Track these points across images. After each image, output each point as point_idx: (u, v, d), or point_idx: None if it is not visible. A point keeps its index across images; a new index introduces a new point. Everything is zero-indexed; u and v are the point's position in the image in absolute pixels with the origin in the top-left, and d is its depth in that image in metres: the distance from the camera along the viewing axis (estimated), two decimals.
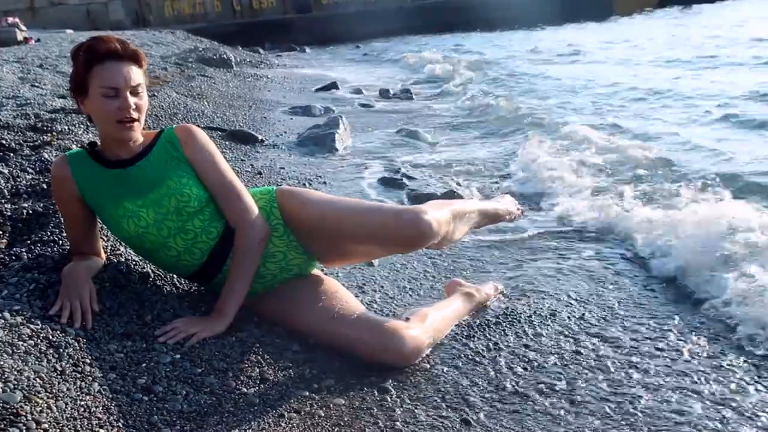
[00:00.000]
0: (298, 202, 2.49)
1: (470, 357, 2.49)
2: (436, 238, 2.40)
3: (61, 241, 2.58)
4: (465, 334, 2.65)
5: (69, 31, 19.76)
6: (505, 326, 2.71)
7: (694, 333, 2.63)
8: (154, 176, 2.34)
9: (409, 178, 5.11)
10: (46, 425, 1.63)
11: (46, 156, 3.50)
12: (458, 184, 5.00)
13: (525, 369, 2.40)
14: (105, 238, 2.67)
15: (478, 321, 2.76)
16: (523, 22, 24.22)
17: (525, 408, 2.17)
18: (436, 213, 2.41)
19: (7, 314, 2.02)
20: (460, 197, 4.50)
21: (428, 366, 2.42)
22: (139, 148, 2.39)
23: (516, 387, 2.29)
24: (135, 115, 2.27)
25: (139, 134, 2.36)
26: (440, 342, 2.56)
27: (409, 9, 28.28)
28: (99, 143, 2.43)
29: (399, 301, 2.97)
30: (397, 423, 2.07)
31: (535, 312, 2.83)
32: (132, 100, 2.26)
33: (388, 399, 2.20)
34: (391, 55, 18.32)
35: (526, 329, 2.69)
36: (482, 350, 2.53)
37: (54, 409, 1.70)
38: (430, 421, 2.10)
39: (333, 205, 2.50)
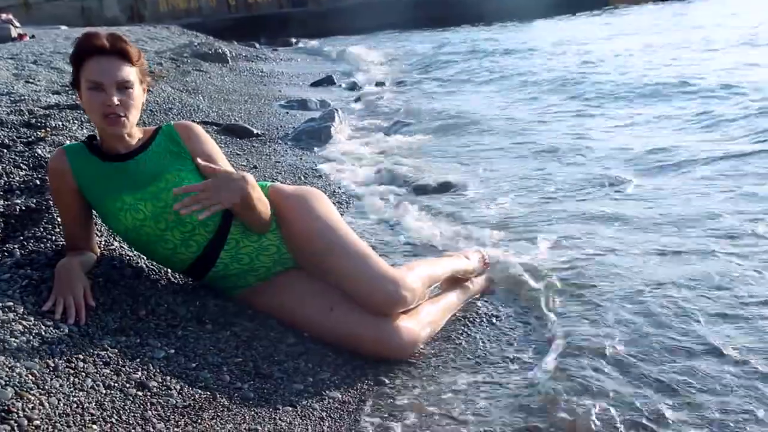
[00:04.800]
0: (291, 209, 2.46)
1: (465, 349, 2.48)
2: (406, 307, 2.42)
3: (54, 238, 2.57)
4: (460, 326, 2.65)
5: (63, 27, 19.69)
6: (499, 318, 2.71)
7: None
8: (153, 170, 2.35)
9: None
10: (38, 422, 1.62)
11: (39, 152, 3.48)
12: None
13: (517, 360, 2.40)
14: (98, 233, 2.66)
15: (472, 314, 2.75)
16: (518, 15, 24.14)
17: (518, 399, 2.16)
18: (413, 286, 2.43)
19: None
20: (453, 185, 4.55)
21: (424, 358, 2.41)
22: (137, 144, 2.40)
23: (509, 379, 2.28)
24: (119, 111, 2.26)
25: (130, 130, 2.35)
26: (435, 334, 2.56)
27: (406, 2, 28.17)
28: (97, 137, 2.43)
29: None
30: (393, 416, 2.06)
31: (523, 306, 2.82)
32: (117, 96, 2.24)
33: (384, 392, 2.19)
34: None
35: (517, 322, 2.68)
36: (476, 342, 2.52)
37: (46, 405, 1.68)
38: (426, 412, 2.09)
39: (322, 232, 2.43)
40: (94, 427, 1.70)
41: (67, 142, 3.67)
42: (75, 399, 1.76)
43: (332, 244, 2.41)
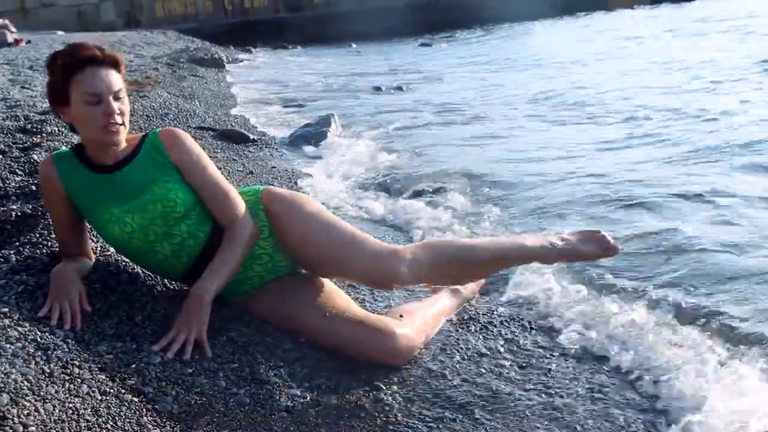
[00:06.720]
0: (286, 212, 2.46)
1: (461, 354, 2.48)
2: (407, 284, 2.48)
3: (49, 243, 2.57)
4: (455, 330, 2.65)
5: (60, 32, 19.67)
6: (494, 324, 2.71)
7: None
8: (140, 182, 2.32)
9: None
10: (34, 428, 1.61)
11: (35, 157, 3.49)
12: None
13: (513, 366, 2.40)
14: (94, 239, 2.65)
15: (466, 317, 2.75)
16: (517, 19, 24.16)
17: (515, 405, 2.17)
18: (412, 261, 2.42)
19: None
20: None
21: (419, 364, 2.41)
22: (123, 153, 2.36)
23: (506, 384, 2.29)
24: (120, 120, 2.25)
25: (123, 138, 2.33)
26: (430, 339, 2.56)
27: (403, 7, 28.16)
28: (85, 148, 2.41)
29: (390, 300, 2.96)
30: (389, 421, 2.06)
31: (518, 310, 2.83)
32: (115, 105, 2.23)
33: (380, 397, 2.19)
34: None
35: (512, 327, 2.69)
36: (472, 347, 2.53)
37: (42, 411, 1.68)
38: (421, 418, 2.09)
39: (317, 230, 2.44)
40: None
41: (63, 147, 3.66)
42: (70, 405, 1.76)
43: (324, 239, 2.42)
